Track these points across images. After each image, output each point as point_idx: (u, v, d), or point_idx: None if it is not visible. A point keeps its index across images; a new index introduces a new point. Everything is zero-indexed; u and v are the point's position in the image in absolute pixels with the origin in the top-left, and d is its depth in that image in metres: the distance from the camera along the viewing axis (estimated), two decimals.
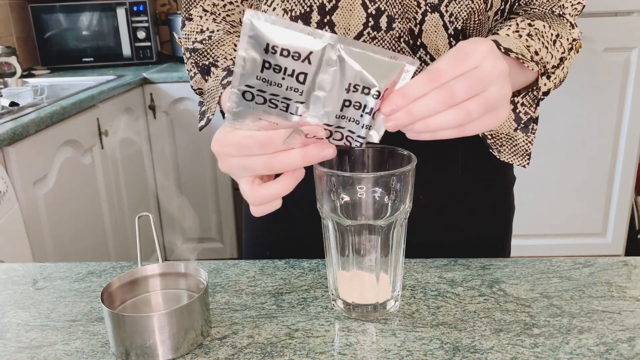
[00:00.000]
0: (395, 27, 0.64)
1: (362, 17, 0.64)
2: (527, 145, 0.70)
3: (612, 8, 2.09)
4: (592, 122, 2.21)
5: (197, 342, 0.50)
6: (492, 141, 0.69)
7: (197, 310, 0.50)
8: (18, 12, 2.43)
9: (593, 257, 0.64)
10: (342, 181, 0.49)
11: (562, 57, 0.62)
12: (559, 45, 0.62)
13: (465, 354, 0.47)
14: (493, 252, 0.76)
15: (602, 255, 0.94)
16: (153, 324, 0.48)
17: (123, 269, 0.64)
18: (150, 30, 2.42)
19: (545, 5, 0.66)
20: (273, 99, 0.44)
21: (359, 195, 0.50)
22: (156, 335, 0.48)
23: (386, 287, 0.53)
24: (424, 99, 0.43)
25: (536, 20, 0.62)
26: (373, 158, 0.54)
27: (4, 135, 1.33)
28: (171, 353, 0.49)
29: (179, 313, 0.48)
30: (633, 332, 0.50)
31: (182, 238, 2.41)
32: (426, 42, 0.64)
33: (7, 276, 0.64)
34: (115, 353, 0.49)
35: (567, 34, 0.64)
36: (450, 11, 0.63)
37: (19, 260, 1.37)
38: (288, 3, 0.64)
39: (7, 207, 1.33)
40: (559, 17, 0.65)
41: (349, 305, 0.54)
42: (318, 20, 0.65)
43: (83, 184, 1.75)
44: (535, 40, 0.59)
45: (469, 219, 0.74)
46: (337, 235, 0.52)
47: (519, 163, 0.71)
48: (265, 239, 0.79)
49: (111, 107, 1.94)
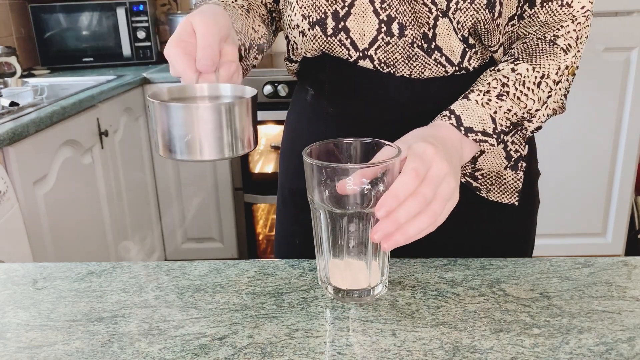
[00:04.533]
0: (407, 33, 0.65)
1: (375, 24, 0.66)
2: (517, 182, 0.72)
3: (612, 8, 2.09)
4: (592, 122, 2.21)
5: (240, 149, 0.50)
6: (482, 180, 0.72)
7: (241, 112, 0.49)
8: (18, 12, 2.43)
9: (593, 257, 0.64)
10: (332, 173, 0.52)
11: (549, 96, 0.66)
12: (544, 85, 0.65)
13: (465, 354, 0.47)
14: (517, 247, 0.77)
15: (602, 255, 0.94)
16: (197, 116, 0.47)
17: (123, 269, 0.65)
18: (150, 30, 2.42)
19: (541, 29, 0.67)
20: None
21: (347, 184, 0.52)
22: (199, 129, 0.47)
23: (376, 272, 0.56)
24: (405, 206, 0.50)
25: (520, 64, 0.65)
26: (361, 151, 0.57)
27: (4, 135, 1.33)
28: (215, 152, 0.48)
29: (222, 109, 0.48)
30: (633, 332, 0.50)
31: (182, 238, 2.41)
32: (441, 44, 0.66)
33: (7, 276, 0.64)
34: (161, 152, 0.49)
35: (555, 67, 0.65)
36: (457, 19, 0.64)
37: (19, 260, 1.37)
38: (306, 10, 0.67)
39: (7, 207, 1.33)
40: (550, 44, 0.66)
41: (341, 292, 0.56)
42: (333, 26, 0.67)
43: (83, 184, 1.75)
44: (506, 100, 0.63)
45: (493, 212, 0.74)
46: (328, 224, 0.54)
47: (507, 201, 0.73)
48: (292, 229, 0.82)
49: (111, 107, 1.94)
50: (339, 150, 0.57)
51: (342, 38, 0.67)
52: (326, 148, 0.56)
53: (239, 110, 0.50)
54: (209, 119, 0.49)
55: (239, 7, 0.69)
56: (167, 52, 0.56)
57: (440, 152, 0.54)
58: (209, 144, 0.49)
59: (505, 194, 0.72)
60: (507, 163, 0.70)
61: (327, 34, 0.67)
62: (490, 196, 0.72)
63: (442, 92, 0.69)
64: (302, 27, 0.68)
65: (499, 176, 0.71)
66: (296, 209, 0.80)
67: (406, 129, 0.61)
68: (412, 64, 0.67)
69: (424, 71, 0.67)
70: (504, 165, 0.71)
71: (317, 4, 0.66)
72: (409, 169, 0.51)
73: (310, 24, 0.67)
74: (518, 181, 0.72)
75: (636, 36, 2.12)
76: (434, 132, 0.60)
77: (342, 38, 0.67)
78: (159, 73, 2.22)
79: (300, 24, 0.68)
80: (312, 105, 0.75)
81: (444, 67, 0.67)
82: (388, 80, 0.68)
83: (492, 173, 0.71)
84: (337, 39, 0.67)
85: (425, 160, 0.52)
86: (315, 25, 0.67)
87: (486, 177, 0.71)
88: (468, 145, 0.62)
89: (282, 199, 0.83)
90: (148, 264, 0.65)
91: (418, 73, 0.68)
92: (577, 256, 0.65)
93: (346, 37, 0.67)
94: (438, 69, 0.67)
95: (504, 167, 0.71)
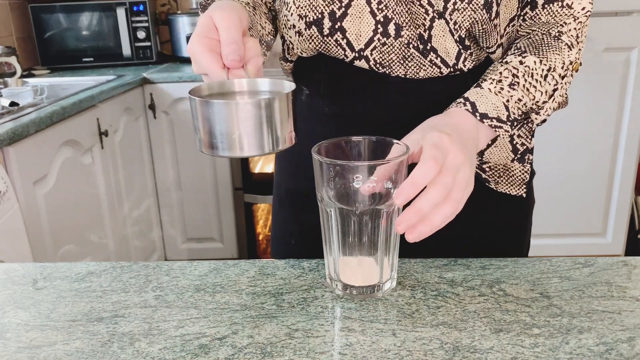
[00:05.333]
0: (403, 34, 0.66)
1: (372, 24, 0.66)
2: (524, 175, 0.73)
3: (612, 8, 2.09)
4: (592, 122, 2.21)
5: (281, 144, 0.50)
6: (490, 173, 0.72)
7: (281, 107, 0.49)
8: (18, 12, 2.43)
9: (593, 257, 0.64)
10: (342, 170, 0.52)
11: (555, 89, 0.66)
12: (550, 78, 0.66)
13: (465, 354, 0.47)
14: (512, 246, 0.77)
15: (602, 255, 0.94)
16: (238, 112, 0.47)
17: (123, 269, 0.65)
18: (150, 30, 2.42)
19: (544, 26, 0.68)
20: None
21: (357, 182, 0.53)
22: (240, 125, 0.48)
23: (386, 268, 0.56)
24: (428, 195, 0.50)
25: (528, 57, 0.65)
26: (369, 149, 0.58)
27: (4, 135, 1.33)
28: (255, 148, 0.49)
29: (262, 104, 0.48)
30: (633, 332, 0.50)
31: (182, 238, 2.41)
32: (436, 46, 0.67)
33: (7, 276, 0.64)
34: (202, 149, 0.49)
35: (561, 61, 0.66)
36: (454, 19, 0.64)
37: (19, 260, 1.37)
38: (302, 10, 0.66)
39: (7, 207, 1.33)
40: (555, 39, 0.67)
41: (350, 288, 0.56)
42: (330, 26, 0.67)
43: (83, 184, 1.75)
44: (517, 89, 0.63)
45: (487, 211, 0.74)
46: (339, 222, 0.54)
47: (515, 192, 0.74)
48: (290, 229, 0.82)
49: (111, 107, 1.94)
50: (347, 148, 0.57)
51: (338, 38, 0.67)
52: (335, 146, 0.57)
53: (280, 105, 0.50)
54: (249, 115, 0.49)
55: (245, 4, 0.69)
56: (191, 49, 0.55)
57: (456, 141, 0.54)
58: (249, 139, 0.49)
59: (513, 186, 0.73)
60: (514, 156, 0.72)
61: (323, 34, 0.67)
62: (499, 188, 0.73)
63: (437, 92, 0.69)
64: (298, 27, 0.68)
65: (506, 169, 0.73)
66: (292, 209, 0.80)
67: (401, 128, 0.62)
68: (407, 64, 0.67)
69: (419, 72, 0.68)
70: (510, 158, 0.72)
71: (314, 4, 0.66)
72: (427, 157, 0.51)
73: (306, 24, 0.67)
74: (525, 173, 0.73)
75: (636, 36, 2.12)
76: (449, 121, 0.60)
77: (339, 38, 0.67)
78: (159, 73, 2.22)
79: (296, 23, 0.68)
80: (307, 105, 0.75)
81: (438, 68, 0.68)
82: (383, 80, 0.69)
83: (499, 166, 0.72)
84: (334, 39, 0.67)
85: (442, 149, 0.52)
86: (311, 25, 0.67)
87: (494, 170, 0.72)
88: (483, 131, 0.63)
89: (279, 199, 0.83)
90: (148, 264, 0.65)
91: (413, 73, 0.68)
92: (577, 256, 0.65)
93: (342, 37, 0.67)
94: (433, 70, 0.68)
95: (511, 159, 0.72)
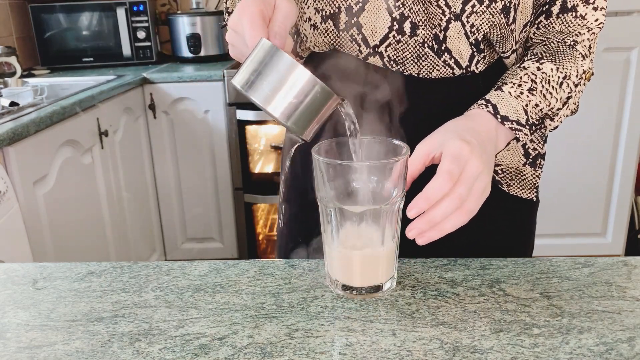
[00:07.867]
0: (419, 33, 0.66)
1: (387, 21, 0.66)
2: (535, 179, 0.74)
3: (612, 8, 2.09)
4: (592, 122, 2.21)
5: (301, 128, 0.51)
6: (502, 175, 0.73)
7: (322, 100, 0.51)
8: (18, 12, 2.43)
9: (593, 257, 0.64)
10: (342, 170, 0.52)
11: (569, 96, 0.67)
12: (565, 86, 0.66)
13: (465, 354, 0.47)
14: (516, 247, 0.77)
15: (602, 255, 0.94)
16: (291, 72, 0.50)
17: (123, 269, 0.65)
18: (150, 30, 2.42)
19: (559, 35, 0.68)
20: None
21: (357, 182, 0.53)
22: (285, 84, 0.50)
23: (387, 268, 0.56)
24: (441, 206, 0.52)
25: (545, 63, 0.66)
26: (370, 149, 0.58)
27: (4, 135, 1.33)
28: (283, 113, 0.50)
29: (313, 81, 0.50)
30: (633, 332, 0.50)
31: (182, 238, 2.41)
32: (451, 47, 0.67)
33: (7, 276, 0.64)
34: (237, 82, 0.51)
35: (575, 70, 0.67)
36: (472, 22, 0.64)
37: (19, 260, 1.37)
38: (319, 3, 0.67)
39: (7, 207, 1.33)
40: (570, 48, 0.67)
41: (350, 289, 0.56)
42: (346, 21, 0.67)
43: (83, 184, 1.75)
44: (536, 94, 0.64)
45: (497, 212, 0.74)
46: (339, 222, 0.54)
47: (526, 196, 0.74)
48: (295, 228, 0.81)
49: (111, 107, 1.94)
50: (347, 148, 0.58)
51: (353, 33, 0.67)
52: (335, 146, 0.57)
53: (322, 97, 0.51)
54: (298, 81, 0.50)
55: None
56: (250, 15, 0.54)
57: (476, 149, 0.55)
58: (283, 102, 0.50)
59: (524, 189, 0.74)
60: (525, 160, 0.72)
61: (339, 29, 0.67)
62: (510, 190, 0.74)
63: (448, 92, 0.69)
64: (314, 20, 0.68)
65: (518, 172, 0.73)
66: (297, 207, 0.80)
67: (411, 127, 0.62)
68: (421, 63, 0.67)
69: (432, 71, 0.68)
70: (522, 162, 0.72)
71: None
72: (443, 171, 0.52)
73: (323, 18, 0.67)
74: (537, 177, 0.74)
75: (636, 36, 2.12)
76: (470, 125, 0.60)
77: (354, 33, 0.67)
78: (159, 73, 2.22)
79: (312, 17, 0.68)
80: None
81: (451, 69, 0.68)
82: (396, 78, 0.69)
83: (511, 169, 0.72)
84: (349, 34, 0.67)
85: (461, 160, 0.53)
86: (328, 19, 0.67)
87: (506, 172, 0.73)
88: (503, 133, 0.63)
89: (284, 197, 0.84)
90: (148, 264, 0.65)
91: (426, 73, 0.68)
92: (577, 256, 0.65)
93: (358, 32, 0.67)
94: (446, 71, 0.68)
95: (522, 163, 0.72)
